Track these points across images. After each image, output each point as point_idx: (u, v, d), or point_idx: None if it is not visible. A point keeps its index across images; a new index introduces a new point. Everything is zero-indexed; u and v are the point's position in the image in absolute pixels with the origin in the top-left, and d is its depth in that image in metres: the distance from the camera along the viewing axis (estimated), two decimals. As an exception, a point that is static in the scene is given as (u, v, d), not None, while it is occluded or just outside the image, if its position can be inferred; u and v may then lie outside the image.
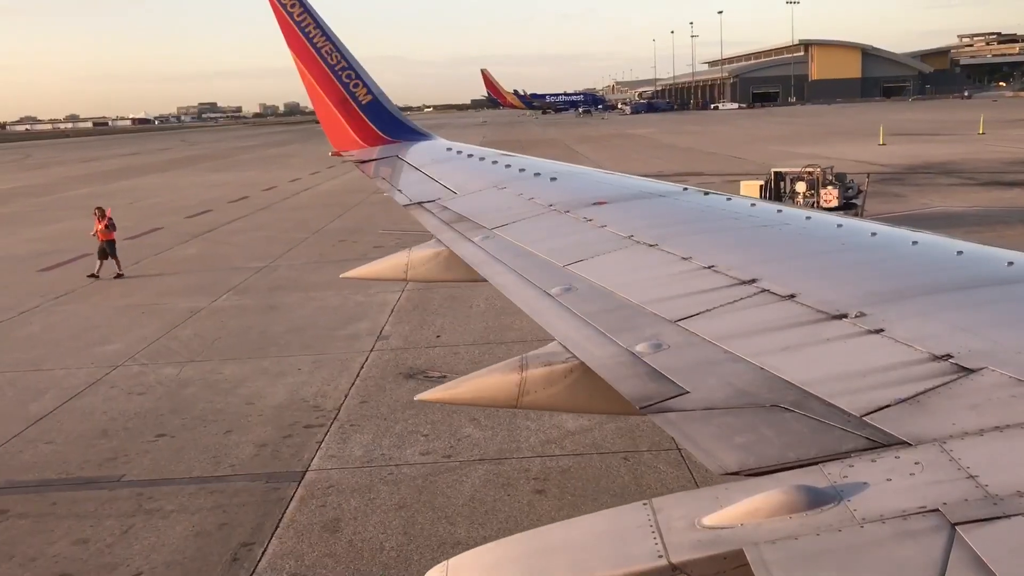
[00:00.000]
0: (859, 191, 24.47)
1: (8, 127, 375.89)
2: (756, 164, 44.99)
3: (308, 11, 10.82)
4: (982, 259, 4.24)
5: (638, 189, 7.30)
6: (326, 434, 11.39)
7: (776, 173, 25.17)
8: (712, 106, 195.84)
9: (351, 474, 10.19)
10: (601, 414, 9.70)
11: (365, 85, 11.15)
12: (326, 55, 10.92)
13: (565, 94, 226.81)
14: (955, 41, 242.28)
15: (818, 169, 24.06)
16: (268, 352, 15.42)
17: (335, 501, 9.51)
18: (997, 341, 3.03)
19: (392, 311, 17.86)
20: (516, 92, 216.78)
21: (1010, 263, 3.95)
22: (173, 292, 20.93)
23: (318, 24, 10.86)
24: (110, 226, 22.66)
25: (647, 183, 7.81)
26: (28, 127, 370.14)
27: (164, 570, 8.28)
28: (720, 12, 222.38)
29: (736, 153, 55.30)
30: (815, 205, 23.27)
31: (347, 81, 11.04)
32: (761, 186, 25.08)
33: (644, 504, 2.46)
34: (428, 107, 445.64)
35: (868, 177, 26.64)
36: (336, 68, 10.98)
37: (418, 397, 4.60)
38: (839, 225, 5.18)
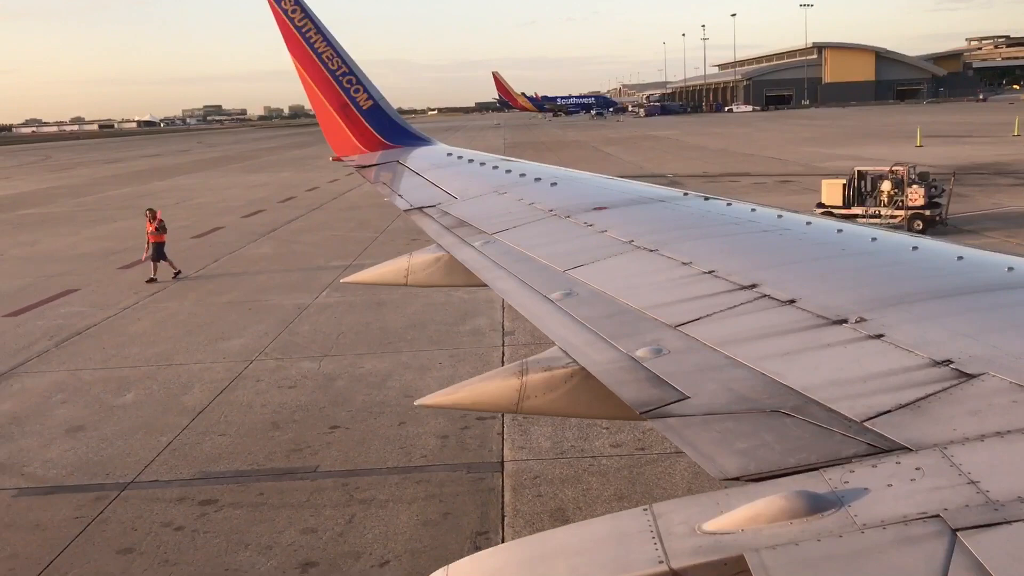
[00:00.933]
0: (942, 191, 24.56)
1: (14, 129, 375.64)
2: (801, 165, 45.07)
3: (309, 16, 10.84)
4: (982, 265, 4.24)
5: (638, 194, 7.30)
6: (503, 427, 11.58)
7: (859, 172, 25.21)
8: (726, 108, 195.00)
9: (551, 465, 10.34)
10: (601, 419, 9.70)
11: (366, 90, 11.17)
12: (327, 60, 10.94)
13: (575, 96, 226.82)
14: (963, 44, 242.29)
15: (902, 168, 24.14)
16: (399, 347, 15.66)
17: (549, 491, 9.66)
18: (997, 347, 3.02)
19: (503, 306, 17.81)
20: (526, 95, 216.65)
21: (1010, 268, 3.96)
22: (269, 289, 21.19)
23: (319, 29, 10.87)
24: (160, 228, 22.43)
25: (647, 188, 7.81)
26: (34, 129, 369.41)
27: (410, 558, 8.40)
28: (734, 15, 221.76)
29: (772, 154, 55.02)
30: (901, 204, 23.36)
31: (348, 86, 11.06)
32: (844, 185, 25.03)
33: (644, 510, 2.46)
34: (433, 110, 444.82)
35: (953, 176, 26.55)
36: (337, 73, 10.99)
37: (418, 402, 4.59)
38: (839, 231, 5.18)
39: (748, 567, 2.09)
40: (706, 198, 6.75)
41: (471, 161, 10.19)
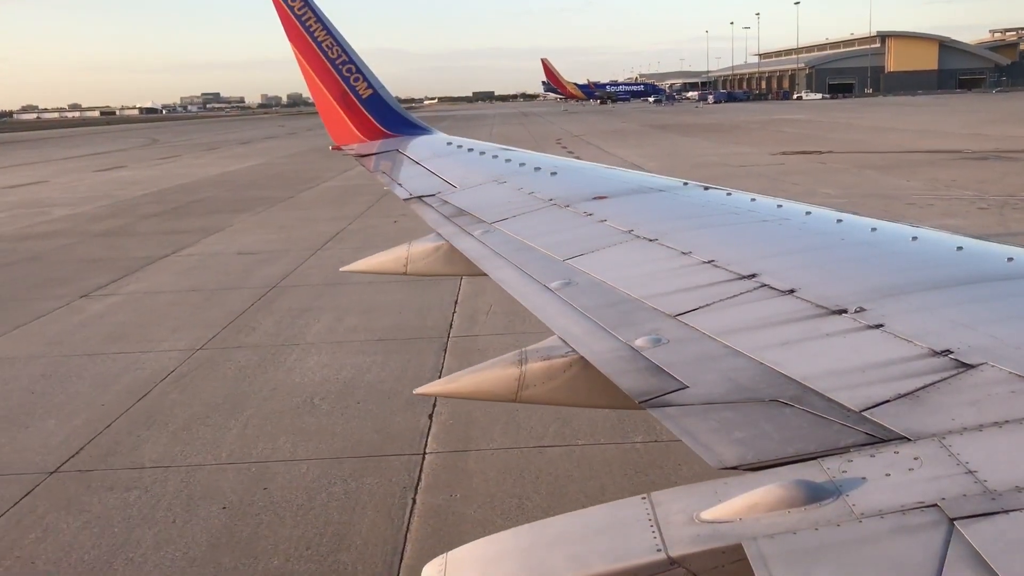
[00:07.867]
0: None
1: (14, 115, 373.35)
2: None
3: (309, 4, 10.80)
4: (982, 255, 4.23)
5: (638, 184, 7.29)
6: None
7: None
8: (795, 96, 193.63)
9: None
10: (600, 408, 9.68)
11: (365, 79, 11.13)
12: (326, 48, 10.90)
13: (624, 83, 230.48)
14: (986, 36, 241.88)
15: None
16: None
17: None
18: (997, 337, 3.02)
19: None
20: (576, 83, 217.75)
21: (1010, 259, 3.95)
22: None
23: (319, 18, 10.84)
24: None
25: (647, 177, 7.80)
26: (38, 116, 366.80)
27: None
28: (797, 2, 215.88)
29: (1002, 133, 52.04)
30: None
31: (347, 75, 11.03)
32: None
33: (643, 498, 2.46)
34: (432, 99, 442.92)
35: None
36: (336, 62, 10.96)
37: (417, 391, 4.60)
38: (839, 220, 5.17)
39: (746, 556, 2.09)
40: (706, 188, 6.74)
41: (470, 150, 10.16)
